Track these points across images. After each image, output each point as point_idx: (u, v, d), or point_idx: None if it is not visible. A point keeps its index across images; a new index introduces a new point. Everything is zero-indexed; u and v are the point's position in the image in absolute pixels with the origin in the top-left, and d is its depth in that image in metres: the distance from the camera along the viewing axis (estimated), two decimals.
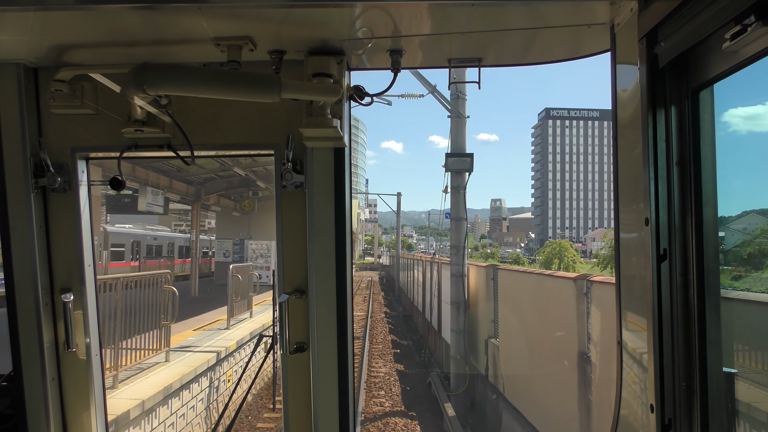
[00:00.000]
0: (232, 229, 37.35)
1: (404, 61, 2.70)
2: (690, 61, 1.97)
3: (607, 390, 8.59)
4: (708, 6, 1.71)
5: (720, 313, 1.99)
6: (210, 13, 2.22)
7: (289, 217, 2.90)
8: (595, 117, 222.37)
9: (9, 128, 2.78)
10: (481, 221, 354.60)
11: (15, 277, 2.85)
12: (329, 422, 2.85)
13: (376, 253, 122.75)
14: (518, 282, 15.48)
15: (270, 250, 34.99)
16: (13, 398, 2.92)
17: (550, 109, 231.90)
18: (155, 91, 2.32)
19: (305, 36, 2.48)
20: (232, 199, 33.84)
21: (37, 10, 2.18)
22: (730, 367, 2.00)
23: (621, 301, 2.34)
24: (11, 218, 2.82)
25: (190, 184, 28.55)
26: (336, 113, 2.57)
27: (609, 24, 2.34)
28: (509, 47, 2.71)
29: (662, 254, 2.03)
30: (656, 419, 2.02)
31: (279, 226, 2.90)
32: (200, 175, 27.76)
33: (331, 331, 2.84)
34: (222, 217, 39.17)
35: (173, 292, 12.03)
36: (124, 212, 28.54)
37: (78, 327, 2.97)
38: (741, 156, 2.19)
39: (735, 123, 2.11)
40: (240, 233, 36.94)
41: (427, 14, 2.35)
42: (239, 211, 33.96)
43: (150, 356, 11.80)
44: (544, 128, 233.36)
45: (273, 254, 30.90)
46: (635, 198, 2.17)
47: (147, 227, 40.60)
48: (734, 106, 2.06)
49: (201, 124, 2.88)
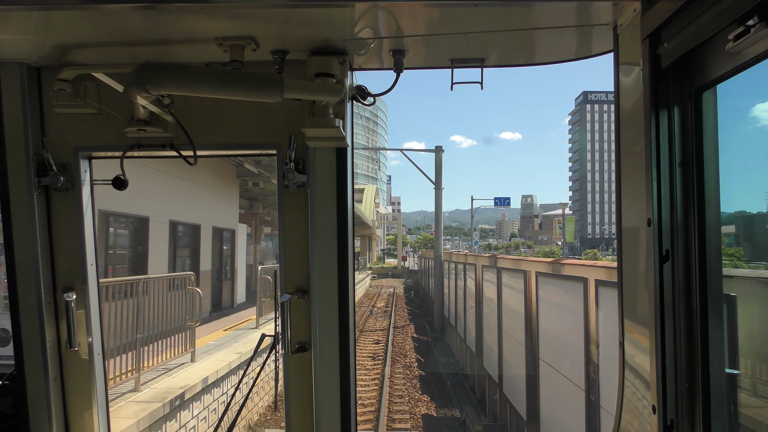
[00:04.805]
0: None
1: (407, 61, 2.68)
2: (693, 61, 1.96)
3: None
4: (711, 7, 1.69)
5: (722, 313, 1.98)
6: (213, 13, 2.21)
7: (291, 217, 2.88)
8: None
9: (12, 127, 2.78)
10: (508, 220, 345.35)
11: (17, 276, 2.84)
12: (331, 422, 2.83)
13: (399, 255, 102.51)
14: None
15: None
16: (15, 397, 2.92)
17: (588, 93, 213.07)
18: (158, 91, 2.29)
19: (308, 36, 2.47)
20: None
21: (40, 10, 2.17)
22: (733, 367, 1.99)
23: (623, 302, 2.32)
24: (14, 217, 2.82)
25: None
26: (338, 113, 2.56)
27: (612, 24, 2.32)
28: (512, 48, 2.67)
29: (665, 255, 2.02)
30: (658, 420, 2.01)
31: (281, 226, 2.89)
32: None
33: (332, 331, 2.82)
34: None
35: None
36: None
37: (80, 326, 2.95)
38: (744, 157, 2.16)
39: (738, 124, 2.08)
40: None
41: (429, 14, 2.33)
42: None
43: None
44: (582, 113, 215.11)
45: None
46: (638, 198, 2.15)
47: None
48: (737, 107, 2.04)
49: (203, 124, 2.87)
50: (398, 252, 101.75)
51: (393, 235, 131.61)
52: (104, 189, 3.01)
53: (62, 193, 2.87)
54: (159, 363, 10.88)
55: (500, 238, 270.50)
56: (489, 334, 17.74)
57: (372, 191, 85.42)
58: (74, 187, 2.87)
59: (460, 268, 25.21)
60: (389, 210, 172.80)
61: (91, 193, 2.96)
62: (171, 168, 16.41)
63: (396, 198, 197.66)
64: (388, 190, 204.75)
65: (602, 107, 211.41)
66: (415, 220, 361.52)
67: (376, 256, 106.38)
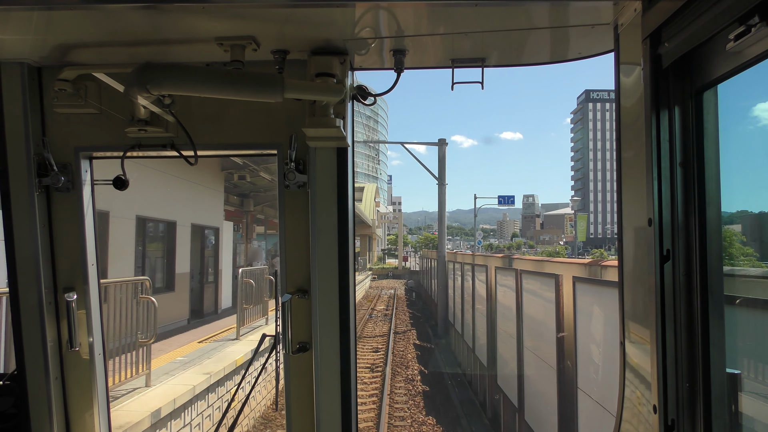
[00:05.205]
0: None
1: (407, 61, 2.69)
2: (694, 61, 1.96)
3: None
4: (712, 6, 1.69)
5: (723, 313, 1.97)
6: (213, 13, 2.22)
7: (291, 216, 2.88)
8: None
9: (13, 127, 2.79)
10: (509, 220, 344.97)
11: (18, 276, 2.84)
12: (332, 422, 2.83)
13: (400, 255, 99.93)
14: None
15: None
16: (16, 397, 2.92)
17: (590, 91, 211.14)
18: (159, 91, 2.29)
19: (308, 36, 2.47)
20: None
21: (41, 10, 2.17)
22: (734, 367, 1.97)
23: (624, 302, 2.32)
24: (15, 217, 2.82)
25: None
26: (339, 113, 2.56)
27: (612, 24, 2.32)
28: (512, 47, 2.68)
29: (665, 255, 2.01)
30: (659, 420, 2.00)
31: (282, 226, 2.90)
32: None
33: (333, 331, 2.82)
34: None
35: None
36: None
37: (81, 326, 2.96)
38: (745, 156, 2.15)
39: (739, 123, 2.08)
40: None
41: (430, 14, 2.33)
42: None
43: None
44: (585, 112, 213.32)
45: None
46: (638, 198, 2.15)
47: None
48: (738, 107, 2.03)
49: (204, 124, 2.88)
50: (399, 252, 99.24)
51: (394, 235, 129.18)
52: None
53: (63, 193, 2.88)
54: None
55: (501, 238, 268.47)
56: (505, 348, 15.45)
57: (372, 189, 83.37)
58: (75, 187, 2.88)
59: (467, 270, 23.01)
60: (390, 210, 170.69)
61: (92, 193, 2.96)
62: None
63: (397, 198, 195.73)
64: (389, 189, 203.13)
65: (604, 106, 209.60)
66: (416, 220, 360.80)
67: (377, 256, 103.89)
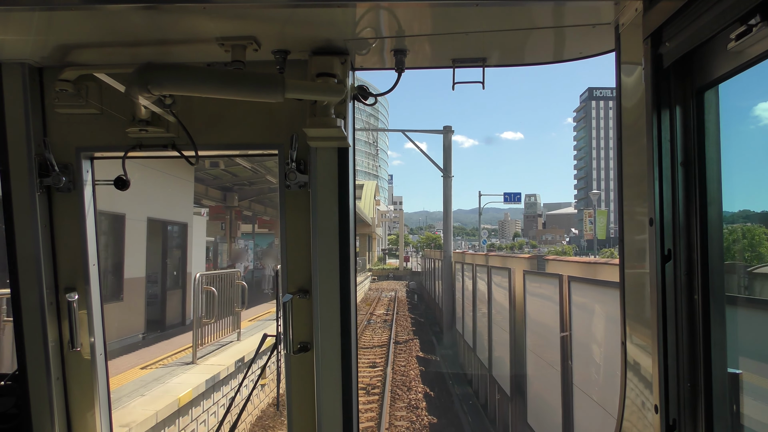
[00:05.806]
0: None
1: (408, 61, 2.70)
2: (695, 61, 1.96)
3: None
4: (713, 6, 1.69)
5: (725, 313, 1.97)
6: (214, 13, 2.22)
7: (292, 216, 2.89)
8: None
9: (14, 128, 2.79)
10: (511, 219, 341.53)
11: (20, 277, 2.85)
12: (332, 422, 2.84)
13: (401, 255, 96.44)
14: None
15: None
16: (18, 397, 2.93)
17: (593, 89, 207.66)
18: (159, 91, 2.30)
19: (309, 36, 2.48)
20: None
21: (42, 10, 2.18)
22: (735, 367, 1.97)
23: (625, 301, 2.32)
24: (16, 217, 2.83)
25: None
26: (340, 113, 2.57)
27: (614, 24, 2.32)
28: (513, 47, 2.68)
29: (667, 254, 2.01)
30: (660, 420, 1.99)
31: (283, 226, 2.90)
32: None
33: (334, 331, 2.83)
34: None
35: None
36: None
37: (82, 326, 2.96)
38: (746, 156, 2.15)
39: (740, 123, 2.08)
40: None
41: (430, 14, 2.34)
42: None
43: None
44: (587, 110, 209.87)
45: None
46: (640, 198, 2.15)
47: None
48: (739, 107, 2.04)
49: (205, 124, 2.89)
50: (400, 252, 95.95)
51: (395, 235, 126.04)
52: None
53: (64, 194, 2.89)
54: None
55: (503, 237, 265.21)
56: (539, 377, 11.91)
57: (372, 187, 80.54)
58: (76, 187, 2.89)
59: (479, 272, 19.70)
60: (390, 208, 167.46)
61: (93, 194, 2.97)
62: None
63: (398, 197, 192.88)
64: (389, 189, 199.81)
65: (607, 104, 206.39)
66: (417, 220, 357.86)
67: (377, 256, 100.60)
